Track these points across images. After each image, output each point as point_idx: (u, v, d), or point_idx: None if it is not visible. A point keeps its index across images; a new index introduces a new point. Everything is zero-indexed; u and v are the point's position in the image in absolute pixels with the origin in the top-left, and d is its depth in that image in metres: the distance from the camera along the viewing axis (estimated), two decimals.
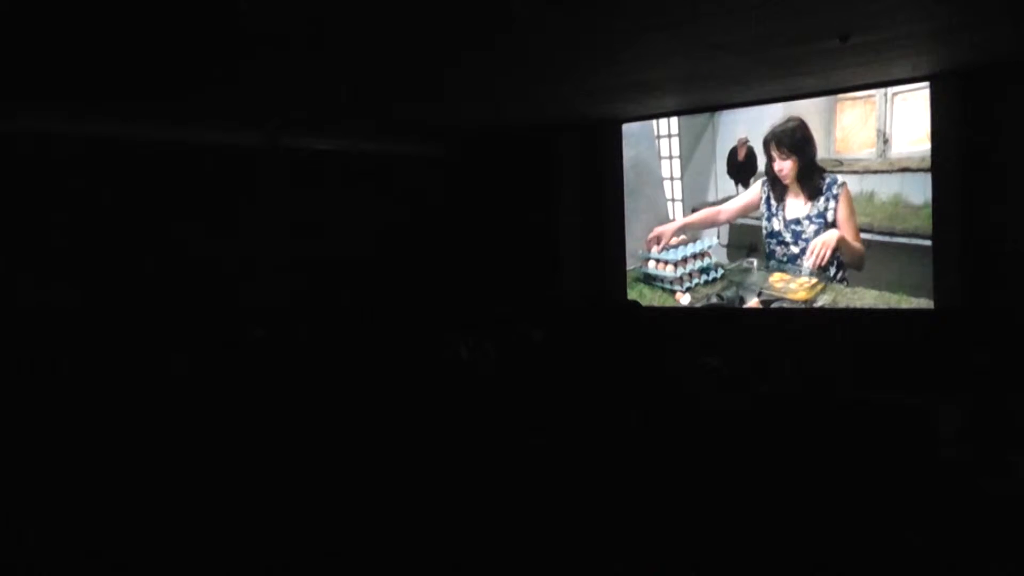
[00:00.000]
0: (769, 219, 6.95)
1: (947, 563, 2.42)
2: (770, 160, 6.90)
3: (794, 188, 6.77)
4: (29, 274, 6.08)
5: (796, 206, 6.77)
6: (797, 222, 6.77)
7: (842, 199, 6.53)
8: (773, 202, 6.91)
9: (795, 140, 6.75)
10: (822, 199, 6.62)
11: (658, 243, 7.63)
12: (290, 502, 3.44)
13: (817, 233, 6.66)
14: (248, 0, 3.59)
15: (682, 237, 7.51)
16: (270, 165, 7.51)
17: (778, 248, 6.91)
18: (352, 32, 4.28)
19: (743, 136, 7.03)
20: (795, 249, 6.81)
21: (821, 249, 6.68)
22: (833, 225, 6.57)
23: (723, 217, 7.22)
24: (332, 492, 3.48)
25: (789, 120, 6.80)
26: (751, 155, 7.01)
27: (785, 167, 6.78)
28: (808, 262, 6.75)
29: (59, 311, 6.08)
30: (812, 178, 6.67)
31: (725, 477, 2.88)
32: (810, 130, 6.69)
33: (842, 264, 6.56)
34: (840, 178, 6.54)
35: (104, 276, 6.43)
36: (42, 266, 6.17)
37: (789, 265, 6.86)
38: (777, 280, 6.92)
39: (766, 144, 6.94)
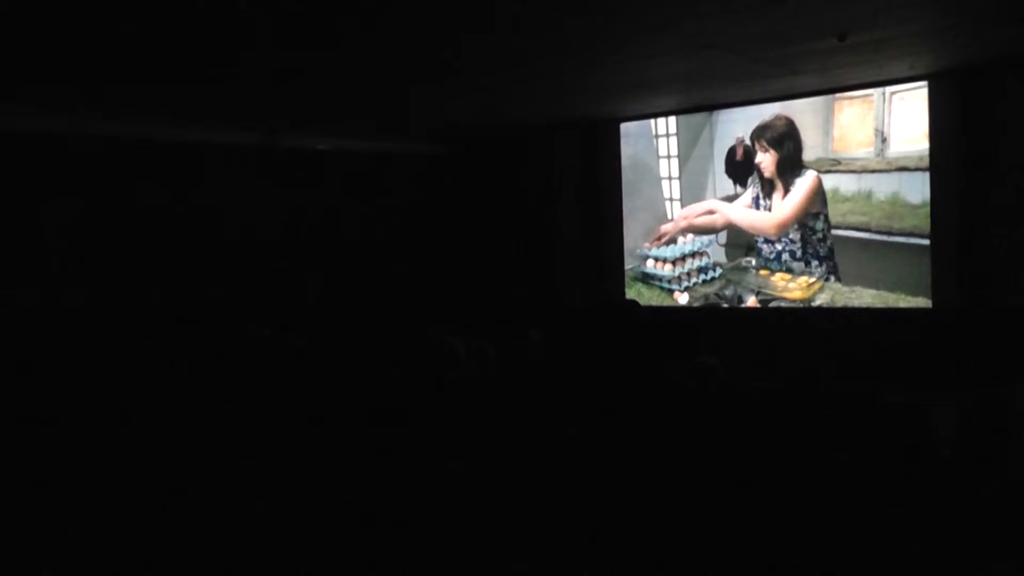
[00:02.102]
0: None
1: (946, 563, 2.43)
2: (754, 151, 6.99)
3: (778, 185, 6.83)
4: (28, 274, 6.08)
5: (779, 204, 6.84)
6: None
7: (799, 185, 6.69)
8: (762, 202, 6.95)
9: (776, 134, 6.81)
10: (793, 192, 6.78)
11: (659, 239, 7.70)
12: (289, 501, 3.45)
13: (797, 229, 6.75)
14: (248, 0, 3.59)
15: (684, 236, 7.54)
16: (270, 165, 7.51)
17: (764, 247, 6.97)
18: (351, 32, 4.28)
19: (741, 135, 7.04)
20: (778, 247, 6.87)
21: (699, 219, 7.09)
22: (813, 230, 6.71)
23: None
24: (330, 491, 3.48)
25: (777, 118, 6.85)
26: (749, 154, 7.02)
27: (765, 160, 6.86)
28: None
29: (58, 311, 6.08)
30: (793, 174, 6.75)
31: (722, 478, 2.89)
32: (796, 128, 6.75)
33: (834, 264, 6.61)
34: (812, 172, 6.64)
35: (103, 276, 6.43)
36: (41, 266, 6.16)
37: (775, 263, 6.92)
38: (775, 279, 6.93)
39: (752, 138, 7.01)
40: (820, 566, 2.52)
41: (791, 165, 6.75)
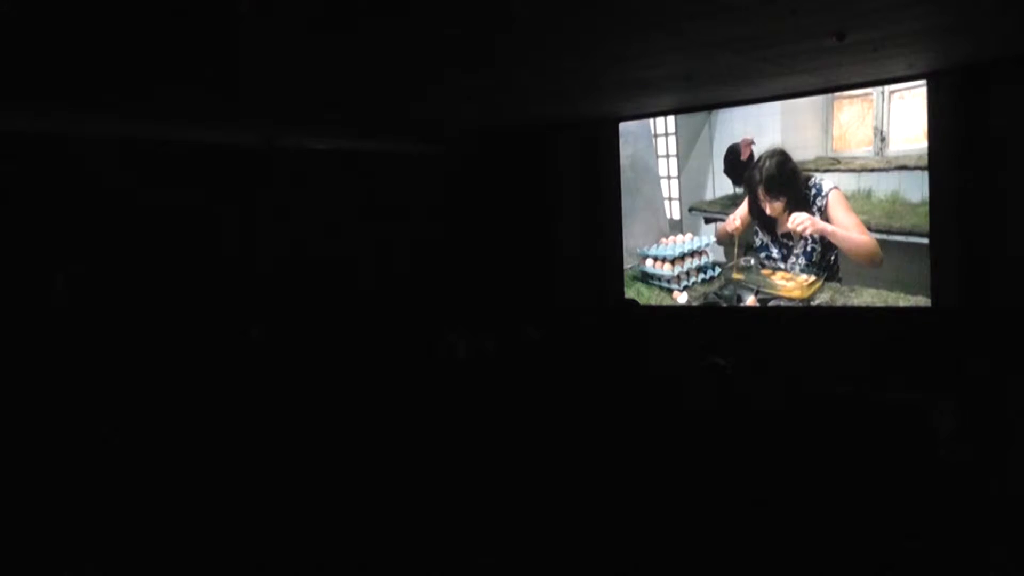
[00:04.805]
0: (757, 232, 6.99)
1: (946, 563, 2.43)
2: (756, 200, 6.87)
3: (784, 213, 6.78)
4: (28, 274, 6.08)
5: (786, 218, 6.78)
6: (788, 236, 6.78)
7: (830, 206, 6.50)
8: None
9: (784, 176, 6.70)
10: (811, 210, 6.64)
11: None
12: (287, 500, 3.45)
13: (806, 246, 6.68)
14: (248, 1, 3.59)
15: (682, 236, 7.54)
16: (269, 165, 7.51)
17: (767, 261, 6.94)
18: (351, 32, 4.28)
19: (749, 136, 6.96)
20: (783, 265, 6.84)
21: (802, 226, 6.63)
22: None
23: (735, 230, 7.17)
24: (328, 489, 3.49)
25: (773, 155, 6.76)
26: (753, 156, 6.99)
27: (777, 206, 6.76)
28: (799, 255, 6.75)
29: (58, 310, 6.09)
30: (800, 200, 6.66)
31: (723, 476, 2.89)
32: (792, 159, 6.66)
33: (837, 264, 6.58)
34: (826, 185, 6.52)
35: (103, 276, 6.43)
36: (41, 266, 6.17)
37: (780, 263, 6.88)
38: (775, 278, 6.93)
39: (752, 185, 6.88)
40: (821, 564, 2.52)
41: (799, 194, 6.66)
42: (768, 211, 6.82)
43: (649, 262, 7.69)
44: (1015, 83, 5.70)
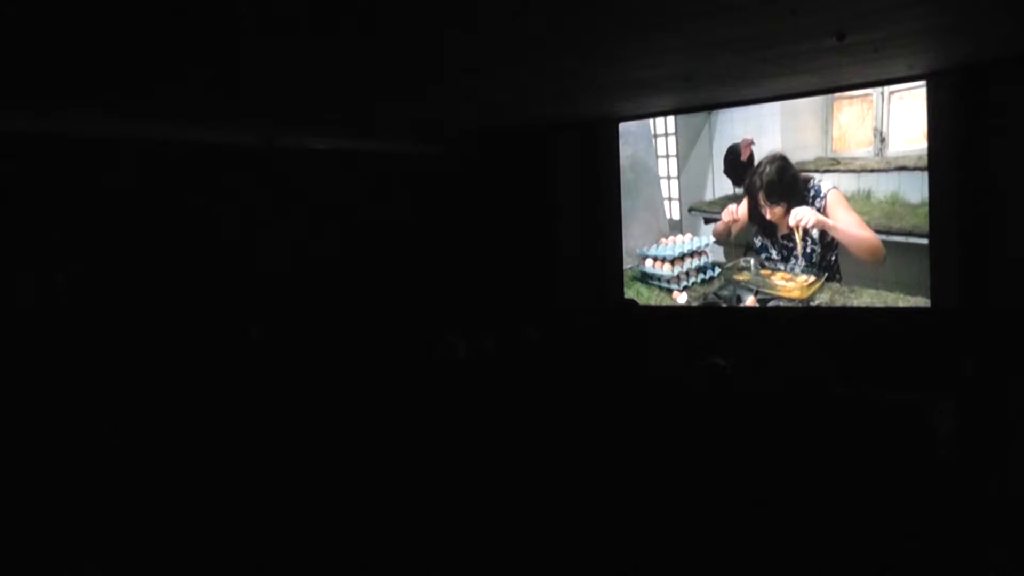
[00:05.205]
0: (757, 234, 7.00)
1: (946, 563, 2.43)
2: (756, 205, 6.88)
3: (785, 218, 6.80)
4: (28, 273, 6.08)
5: (786, 222, 6.80)
6: (788, 238, 6.79)
7: (829, 206, 6.51)
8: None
9: (784, 182, 6.71)
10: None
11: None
12: (288, 500, 3.46)
13: (807, 247, 6.68)
14: (247, 2, 3.59)
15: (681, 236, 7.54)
16: (269, 165, 7.51)
17: (767, 262, 6.95)
18: (351, 32, 4.28)
19: (749, 137, 6.98)
20: (782, 266, 6.85)
21: (804, 219, 6.61)
22: (823, 234, 6.61)
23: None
24: (328, 489, 3.49)
25: (773, 160, 6.78)
26: (753, 156, 6.99)
27: (777, 211, 6.78)
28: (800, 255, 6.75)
29: (59, 310, 6.09)
30: (800, 203, 6.67)
31: (722, 476, 2.89)
32: (792, 165, 6.68)
33: (837, 265, 6.57)
34: (825, 186, 6.53)
35: (103, 276, 6.43)
36: (41, 266, 6.17)
37: (781, 263, 6.88)
38: (775, 279, 6.93)
39: (752, 191, 6.89)
40: (821, 564, 2.52)
41: (799, 198, 6.69)
42: (768, 216, 6.83)
43: (649, 262, 7.69)
44: (1015, 83, 5.71)
